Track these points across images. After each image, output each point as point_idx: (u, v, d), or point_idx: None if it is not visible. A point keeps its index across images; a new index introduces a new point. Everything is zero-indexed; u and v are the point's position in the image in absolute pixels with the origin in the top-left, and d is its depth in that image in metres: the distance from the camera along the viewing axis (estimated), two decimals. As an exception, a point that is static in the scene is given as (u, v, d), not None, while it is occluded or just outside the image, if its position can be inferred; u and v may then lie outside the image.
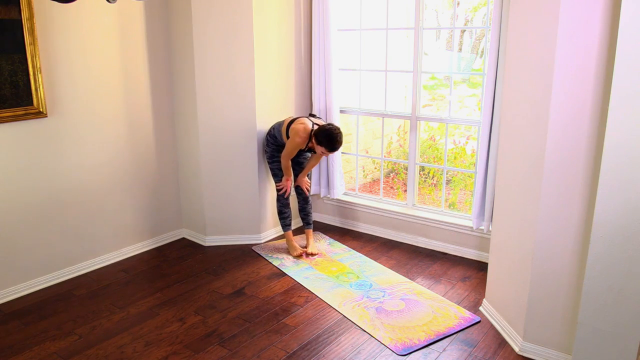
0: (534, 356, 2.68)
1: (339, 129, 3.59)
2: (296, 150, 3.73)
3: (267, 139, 3.94)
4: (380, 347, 2.79)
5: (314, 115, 4.00)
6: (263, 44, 3.89)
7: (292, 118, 3.79)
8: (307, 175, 4.01)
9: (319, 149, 3.61)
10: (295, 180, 3.99)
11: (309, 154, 3.97)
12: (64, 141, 3.42)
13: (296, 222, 4.49)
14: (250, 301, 3.28)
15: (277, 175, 3.93)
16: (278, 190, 3.93)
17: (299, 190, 4.00)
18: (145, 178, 3.96)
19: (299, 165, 3.96)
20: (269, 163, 3.96)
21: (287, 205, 3.96)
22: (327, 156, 3.97)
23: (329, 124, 3.62)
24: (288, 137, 3.72)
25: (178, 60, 3.93)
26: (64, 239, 3.52)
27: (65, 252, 3.54)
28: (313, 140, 3.63)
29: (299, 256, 3.87)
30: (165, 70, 3.96)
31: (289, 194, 3.92)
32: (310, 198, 4.04)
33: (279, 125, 3.85)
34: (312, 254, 3.91)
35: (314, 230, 4.36)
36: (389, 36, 4.17)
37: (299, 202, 4.06)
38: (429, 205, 4.37)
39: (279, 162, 3.88)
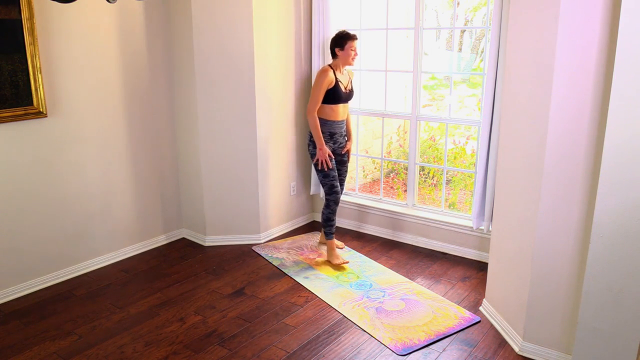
0: (534, 356, 2.68)
1: None
2: (324, 89, 3.56)
3: (309, 138, 3.74)
4: (380, 347, 2.79)
5: None
6: (263, 43, 3.89)
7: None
8: (345, 169, 3.93)
9: (347, 50, 3.56)
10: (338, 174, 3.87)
11: (345, 160, 3.88)
12: (64, 141, 3.42)
13: (295, 222, 4.50)
14: (250, 301, 3.28)
15: (316, 163, 3.68)
16: (318, 168, 3.67)
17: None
18: (145, 178, 3.96)
19: (342, 164, 3.87)
20: (311, 159, 3.75)
21: (335, 212, 3.77)
22: (354, 57, 3.63)
23: None
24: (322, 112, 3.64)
25: (178, 60, 3.93)
26: (64, 239, 3.52)
27: (65, 252, 3.54)
28: (338, 54, 3.60)
29: (341, 265, 3.70)
30: (166, 70, 3.96)
31: (330, 167, 3.65)
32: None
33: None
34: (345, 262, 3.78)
35: (314, 231, 4.39)
36: (389, 36, 4.17)
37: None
38: (429, 205, 4.37)
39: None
